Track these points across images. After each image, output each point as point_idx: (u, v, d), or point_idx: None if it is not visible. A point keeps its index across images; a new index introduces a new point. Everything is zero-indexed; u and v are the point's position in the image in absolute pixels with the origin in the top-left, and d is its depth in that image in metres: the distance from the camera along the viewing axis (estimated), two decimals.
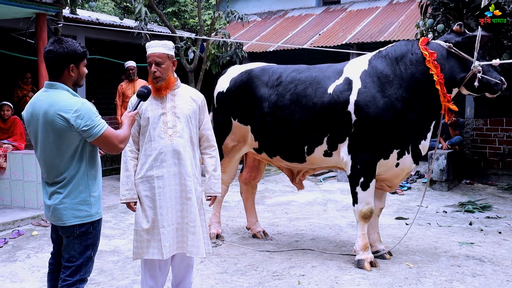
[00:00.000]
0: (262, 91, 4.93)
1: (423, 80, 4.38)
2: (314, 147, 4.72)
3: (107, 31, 9.83)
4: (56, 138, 2.79)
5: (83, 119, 2.73)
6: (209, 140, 3.60)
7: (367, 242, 4.60)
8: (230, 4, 13.53)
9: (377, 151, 4.46)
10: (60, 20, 7.30)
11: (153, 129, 3.37)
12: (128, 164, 3.41)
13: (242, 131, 5.10)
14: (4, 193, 6.88)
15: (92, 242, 2.94)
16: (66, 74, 2.87)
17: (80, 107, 2.75)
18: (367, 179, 4.49)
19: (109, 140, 2.83)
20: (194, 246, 3.38)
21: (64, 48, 2.83)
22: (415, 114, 4.43)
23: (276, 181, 9.09)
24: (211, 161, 3.58)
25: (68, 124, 2.73)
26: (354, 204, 4.58)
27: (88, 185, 2.89)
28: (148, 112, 3.40)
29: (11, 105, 7.50)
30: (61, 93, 2.83)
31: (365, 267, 4.43)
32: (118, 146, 2.88)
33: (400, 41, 4.75)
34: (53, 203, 2.86)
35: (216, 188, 3.57)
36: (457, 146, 8.85)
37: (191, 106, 3.50)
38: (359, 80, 4.52)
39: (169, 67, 3.44)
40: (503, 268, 4.46)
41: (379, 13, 12.09)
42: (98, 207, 2.95)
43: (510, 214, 6.51)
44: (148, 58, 3.44)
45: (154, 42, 3.48)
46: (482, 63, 4.36)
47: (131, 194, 3.38)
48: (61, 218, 2.86)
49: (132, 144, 3.44)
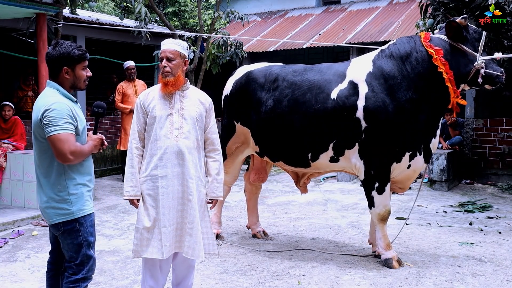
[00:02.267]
0: (259, 95, 4.84)
1: (431, 79, 4.28)
2: (319, 154, 4.61)
3: (107, 31, 9.83)
4: (33, 132, 2.89)
5: (48, 115, 2.78)
6: (214, 143, 3.60)
7: (389, 242, 4.56)
8: (230, 4, 13.53)
9: (390, 156, 4.37)
10: (60, 20, 7.31)
11: (159, 128, 3.38)
12: (134, 161, 3.42)
13: (245, 134, 5.06)
14: (4, 193, 6.88)
15: (83, 239, 2.98)
16: (61, 76, 2.94)
17: (51, 105, 2.80)
18: (382, 183, 4.43)
19: (60, 144, 2.78)
20: (190, 248, 3.37)
21: (57, 51, 2.89)
22: (425, 114, 4.34)
23: (276, 181, 9.09)
24: (214, 165, 3.58)
25: (37, 119, 2.82)
26: (371, 207, 4.53)
27: (66, 183, 2.91)
28: (155, 111, 3.41)
29: (12, 105, 7.51)
30: (49, 91, 2.92)
31: (394, 266, 4.40)
32: (66, 156, 2.80)
33: (402, 38, 4.60)
34: (40, 202, 2.97)
35: (218, 192, 3.55)
36: (457, 146, 8.85)
37: (199, 109, 3.50)
38: (365, 83, 4.37)
39: (180, 65, 3.46)
40: (503, 268, 4.46)
41: (379, 13, 12.09)
42: (81, 204, 2.96)
43: (510, 214, 6.51)
44: (161, 54, 3.48)
45: (169, 40, 3.52)
46: (485, 57, 4.28)
47: (135, 191, 3.39)
48: (47, 217, 2.97)
49: (138, 141, 3.46)
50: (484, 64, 4.25)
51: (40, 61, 6.68)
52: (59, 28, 7.29)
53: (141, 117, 3.46)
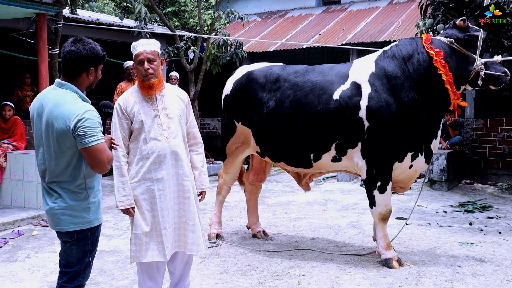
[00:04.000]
0: (260, 95, 4.84)
1: (432, 80, 4.31)
2: (321, 154, 4.62)
3: (107, 31, 9.84)
4: (56, 140, 2.70)
5: (82, 125, 2.62)
6: (196, 137, 3.64)
7: (389, 242, 4.57)
8: (230, 4, 13.54)
9: (392, 155, 4.40)
10: (60, 20, 7.31)
11: (148, 131, 3.34)
12: (123, 169, 3.34)
13: (246, 134, 5.05)
14: (4, 193, 6.88)
15: (90, 247, 2.88)
16: (83, 77, 2.77)
17: (84, 114, 2.64)
18: (384, 182, 4.44)
19: (99, 155, 2.67)
20: (194, 244, 3.40)
21: (87, 50, 2.73)
22: (426, 115, 4.37)
23: (276, 181, 9.09)
24: (198, 158, 3.62)
25: (68, 129, 2.64)
26: (372, 207, 4.54)
27: (87, 191, 2.81)
28: (141, 115, 3.36)
29: (12, 105, 7.51)
30: (69, 94, 2.72)
31: (394, 266, 4.40)
32: (105, 166, 2.72)
33: (404, 39, 4.63)
34: (51, 207, 2.79)
35: (205, 183, 3.61)
36: (457, 146, 8.84)
37: (180, 106, 3.51)
38: (368, 84, 4.40)
39: (159, 65, 3.45)
40: (503, 268, 4.46)
41: (379, 13, 12.09)
42: (97, 213, 2.87)
43: (510, 214, 6.51)
44: (139, 56, 3.39)
45: (143, 41, 3.47)
46: (484, 60, 4.29)
47: (130, 200, 3.32)
48: (58, 223, 2.80)
49: (124, 149, 3.38)
50: (483, 66, 4.26)
51: (40, 61, 6.68)
52: (59, 28, 7.29)
53: (124, 123, 3.38)
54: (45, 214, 2.91)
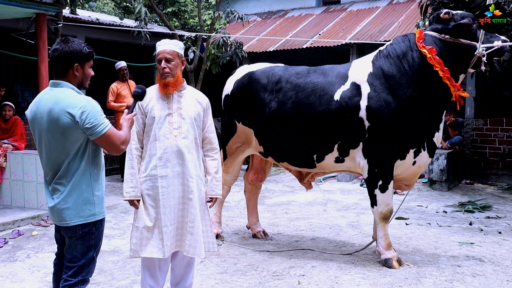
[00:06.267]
0: (262, 96, 4.85)
1: (429, 75, 4.31)
2: (324, 155, 4.65)
3: (107, 31, 9.83)
4: (61, 136, 2.79)
5: (87, 117, 2.74)
6: (212, 142, 3.63)
7: (390, 242, 4.57)
8: (230, 4, 13.53)
9: (394, 153, 4.41)
10: (60, 20, 7.31)
11: (158, 128, 3.39)
12: (134, 161, 3.42)
13: (247, 134, 5.06)
14: (4, 193, 6.88)
15: (94, 242, 2.94)
16: (70, 73, 2.88)
17: (86, 105, 2.77)
18: (386, 181, 4.45)
19: (112, 139, 2.83)
20: (191, 246, 3.39)
21: (69, 47, 2.84)
22: (426, 110, 4.37)
23: (276, 181, 9.09)
24: (213, 164, 3.61)
25: (73, 121, 2.74)
26: (373, 206, 4.55)
27: (91, 184, 2.89)
28: (154, 111, 3.42)
29: (12, 105, 7.51)
30: (66, 91, 2.84)
31: (394, 266, 4.41)
32: (120, 147, 2.88)
33: (397, 37, 4.64)
34: (56, 203, 2.86)
35: (217, 190, 3.58)
36: (457, 146, 8.85)
37: (196, 108, 3.52)
38: (367, 84, 4.42)
39: (178, 65, 3.49)
40: (503, 268, 4.46)
41: (379, 13, 12.09)
42: (101, 207, 2.95)
43: (510, 214, 6.51)
44: (158, 55, 3.48)
45: (165, 41, 3.53)
46: (484, 45, 4.27)
47: (136, 191, 3.38)
48: (64, 218, 2.86)
49: (137, 142, 3.46)
50: (485, 52, 4.25)
51: (40, 61, 6.68)
52: (59, 28, 7.29)
53: (139, 118, 3.46)
54: (46, 214, 2.96)
